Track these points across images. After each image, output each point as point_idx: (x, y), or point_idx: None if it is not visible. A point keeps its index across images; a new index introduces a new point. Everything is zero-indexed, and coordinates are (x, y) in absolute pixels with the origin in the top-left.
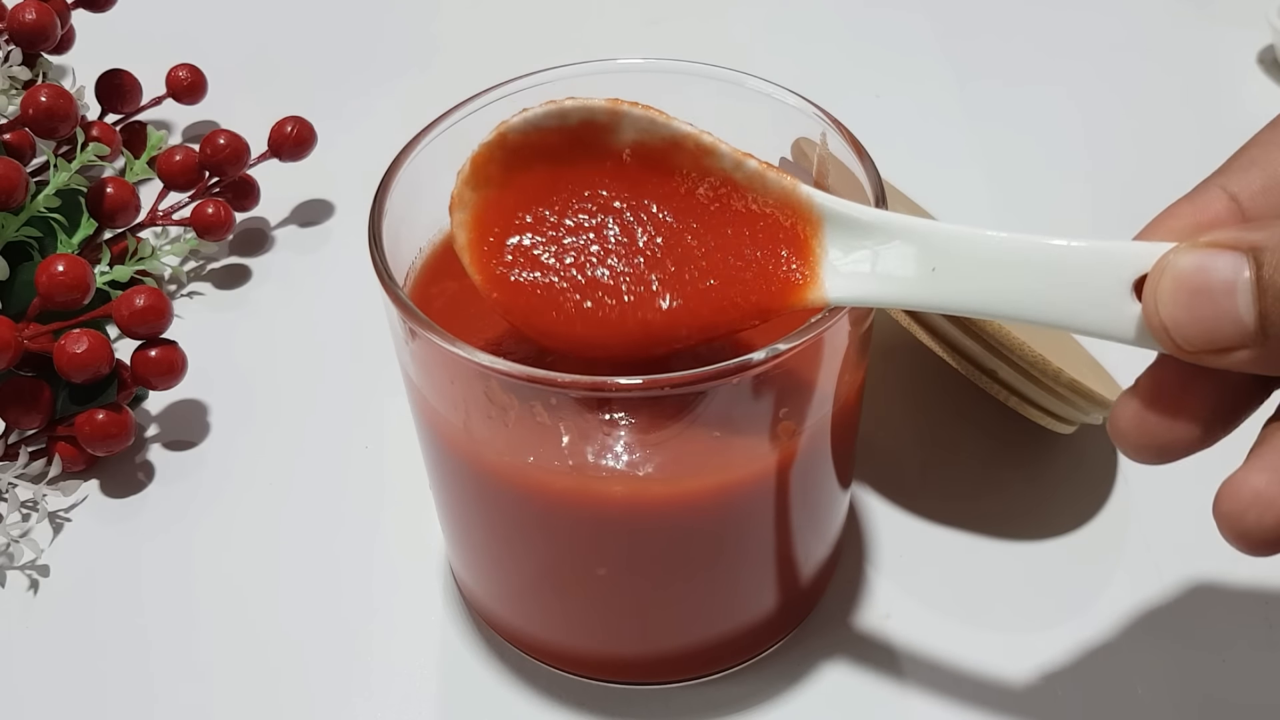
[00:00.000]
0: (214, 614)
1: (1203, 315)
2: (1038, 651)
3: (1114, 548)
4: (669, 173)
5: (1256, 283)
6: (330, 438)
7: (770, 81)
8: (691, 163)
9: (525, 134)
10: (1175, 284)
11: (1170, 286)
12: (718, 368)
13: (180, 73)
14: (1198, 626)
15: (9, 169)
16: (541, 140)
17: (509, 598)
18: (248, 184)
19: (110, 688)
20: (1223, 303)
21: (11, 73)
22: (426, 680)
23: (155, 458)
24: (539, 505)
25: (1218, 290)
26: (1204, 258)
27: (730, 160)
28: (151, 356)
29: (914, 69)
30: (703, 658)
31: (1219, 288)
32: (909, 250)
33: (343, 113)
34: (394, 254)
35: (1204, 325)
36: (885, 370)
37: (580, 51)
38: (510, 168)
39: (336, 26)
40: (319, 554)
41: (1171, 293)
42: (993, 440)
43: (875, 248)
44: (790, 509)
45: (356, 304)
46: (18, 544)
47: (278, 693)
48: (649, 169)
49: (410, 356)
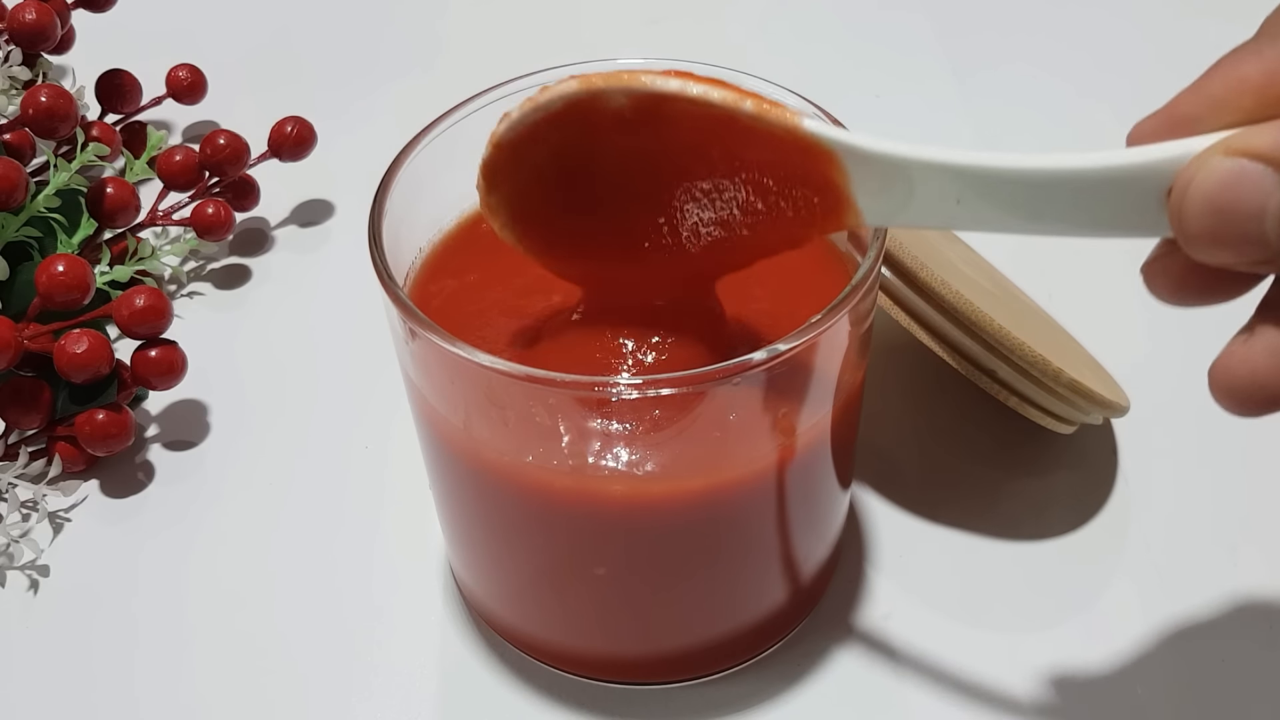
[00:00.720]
0: (213, 614)
1: (1228, 236)
2: (1038, 651)
3: (1114, 548)
4: (674, 124)
5: None
6: (330, 438)
7: (770, 81)
8: (690, 113)
9: (517, 133)
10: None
11: (1196, 207)
12: (717, 368)
13: (180, 73)
14: (1198, 626)
15: (9, 169)
16: (536, 133)
17: (509, 598)
18: (248, 184)
19: (110, 688)
20: (1250, 227)
21: (11, 73)
22: (426, 680)
23: (155, 458)
24: (538, 505)
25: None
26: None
27: (725, 108)
28: (151, 356)
29: (914, 68)
30: (703, 658)
31: (1248, 210)
32: (932, 183)
33: (343, 113)
34: (394, 254)
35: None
36: (885, 370)
37: (580, 51)
38: (519, 166)
39: (336, 27)
40: (318, 554)
41: (1198, 214)
42: (993, 440)
43: (895, 179)
44: (790, 509)
45: (356, 304)
46: (18, 544)
47: (277, 693)
48: (654, 126)
49: (410, 356)
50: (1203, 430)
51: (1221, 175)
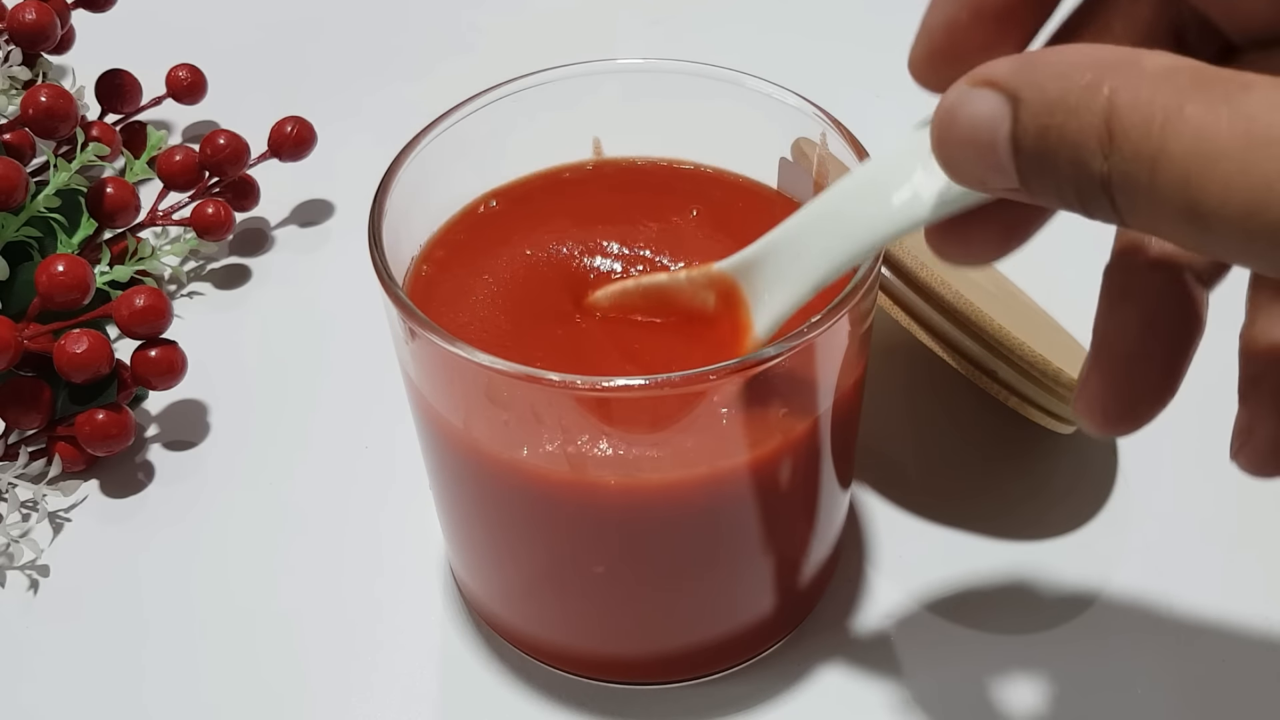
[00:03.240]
0: (214, 614)
1: (973, 164)
2: (1038, 651)
3: (1114, 548)
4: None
5: (1013, 139)
6: (330, 437)
7: (770, 81)
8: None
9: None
10: (947, 127)
11: (944, 131)
12: (717, 367)
13: (180, 73)
14: (1198, 626)
15: (9, 169)
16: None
17: (509, 597)
18: (248, 184)
19: (110, 688)
20: (989, 155)
21: (11, 73)
22: (426, 680)
23: (155, 458)
24: (538, 504)
25: (982, 143)
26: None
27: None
28: (151, 356)
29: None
30: (703, 658)
31: (983, 139)
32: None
33: (343, 113)
34: (394, 254)
35: (979, 175)
36: (885, 370)
37: (580, 51)
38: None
39: (336, 27)
40: (318, 554)
41: (945, 140)
42: (993, 440)
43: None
44: (789, 509)
45: (356, 304)
46: (18, 544)
47: (277, 692)
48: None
49: (410, 356)
50: (1203, 430)
51: (953, 101)
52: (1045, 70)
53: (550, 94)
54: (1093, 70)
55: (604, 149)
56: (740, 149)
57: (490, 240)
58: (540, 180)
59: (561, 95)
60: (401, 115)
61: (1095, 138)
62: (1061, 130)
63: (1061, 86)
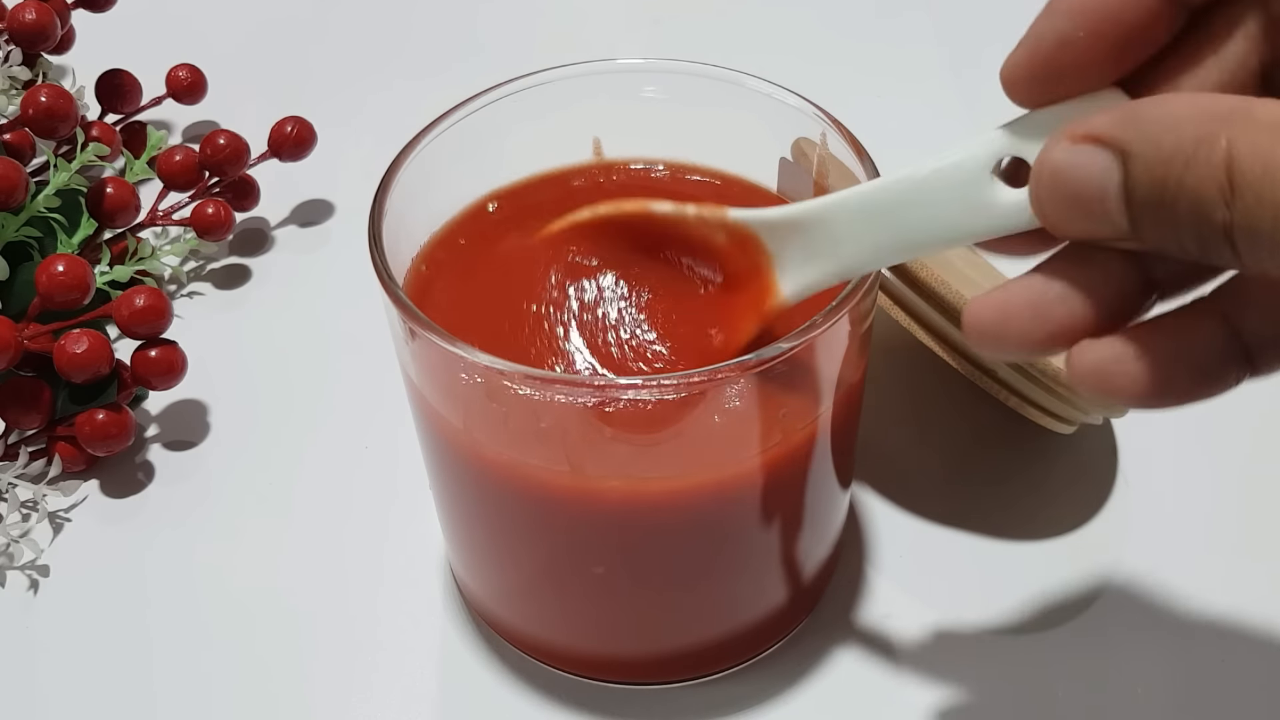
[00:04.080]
0: (214, 614)
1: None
2: (1038, 651)
3: (1114, 548)
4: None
5: (1124, 191)
6: (330, 438)
7: (770, 81)
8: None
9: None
10: (1050, 190)
11: (1046, 193)
12: (718, 368)
13: (180, 73)
14: (1198, 626)
15: (9, 169)
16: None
17: (509, 598)
18: (248, 184)
19: (110, 688)
20: (1095, 209)
21: (11, 73)
22: (426, 680)
23: (155, 458)
24: (538, 504)
25: (1090, 198)
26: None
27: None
28: (151, 356)
29: (915, 68)
30: (703, 658)
31: (1092, 194)
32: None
33: (343, 113)
34: (394, 254)
35: (1087, 230)
36: (885, 370)
37: (580, 51)
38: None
39: (336, 27)
40: (319, 554)
41: (1048, 200)
42: (993, 440)
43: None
44: (790, 509)
45: (356, 304)
46: (18, 544)
47: (278, 692)
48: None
49: (410, 356)
50: (1203, 430)
51: (1060, 162)
52: (1155, 125)
53: (550, 94)
54: (1206, 122)
55: (604, 149)
56: (740, 149)
57: (490, 240)
58: (540, 180)
59: (561, 95)
60: (401, 115)
61: (1216, 187)
62: (1180, 181)
63: (1175, 139)
